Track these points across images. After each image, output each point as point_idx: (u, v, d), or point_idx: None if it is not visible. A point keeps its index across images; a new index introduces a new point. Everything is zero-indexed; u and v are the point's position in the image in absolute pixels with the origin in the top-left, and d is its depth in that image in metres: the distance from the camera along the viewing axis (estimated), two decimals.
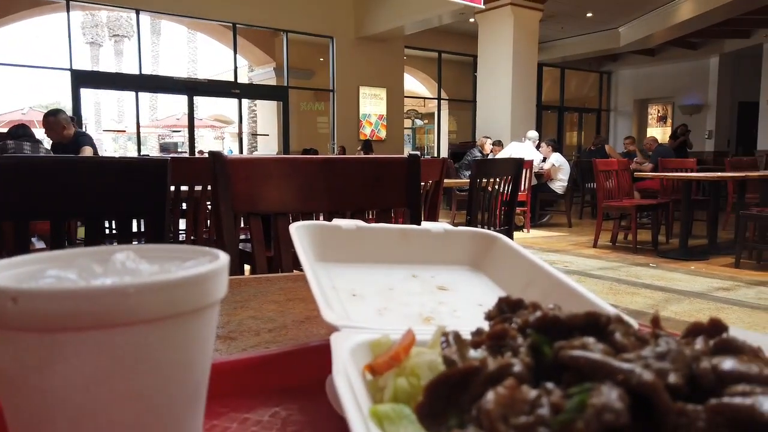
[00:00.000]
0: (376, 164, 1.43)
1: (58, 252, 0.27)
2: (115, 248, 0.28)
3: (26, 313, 0.20)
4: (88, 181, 1.19)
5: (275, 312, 0.62)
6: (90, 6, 10.51)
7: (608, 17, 11.46)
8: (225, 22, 10.61)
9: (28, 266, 0.26)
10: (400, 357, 0.25)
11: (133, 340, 0.21)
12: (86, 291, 0.20)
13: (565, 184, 7.29)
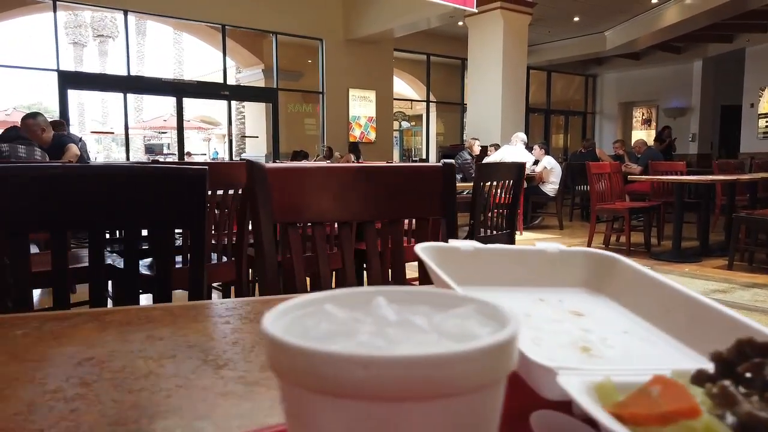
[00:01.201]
0: (411, 172, 1.43)
1: (309, 297, 0.26)
2: (367, 291, 0.27)
3: (376, 381, 0.19)
4: (126, 190, 1.17)
5: None
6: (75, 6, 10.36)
7: (595, 21, 11.59)
8: (214, 24, 10.52)
9: (290, 314, 0.25)
10: (696, 412, 0.24)
11: (466, 408, 0.20)
12: (438, 358, 0.19)
13: (557, 186, 7.34)
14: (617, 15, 11.20)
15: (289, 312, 0.25)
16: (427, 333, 0.23)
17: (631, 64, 13.98)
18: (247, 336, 0.59)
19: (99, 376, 0.48)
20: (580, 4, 10.35)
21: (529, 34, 9.63)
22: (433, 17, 9.98)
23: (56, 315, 0.66)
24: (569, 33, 12.41)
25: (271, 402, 0.44)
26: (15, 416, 0.41)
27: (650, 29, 10.97)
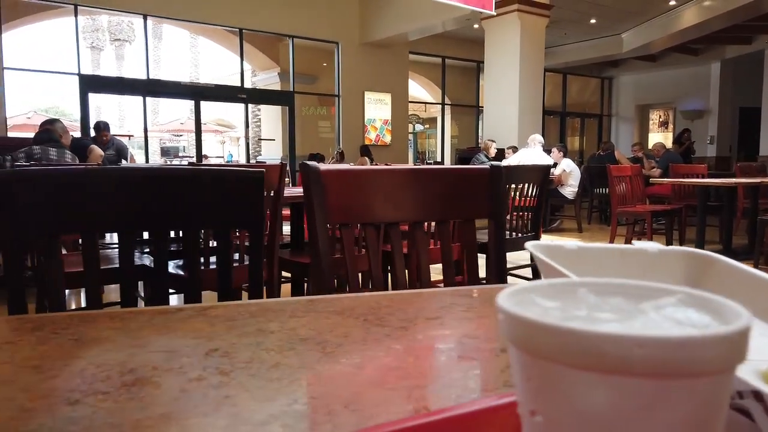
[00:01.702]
0: (459, 174, 1.45)
1: (551, 283, 0.28)
2: (568, 282, 0.29)
3: (649, 360, 0.21)
4: (186, 192, 1.20)
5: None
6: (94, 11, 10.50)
7: (611, 23, 11.55)
8: (231, 28, 10.61)
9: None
10: None
11: (714, 387, 0.22)
12: (705, 339, 0.21)
13: (576, 189, 7.33)
14: (634, 17, 11.16)
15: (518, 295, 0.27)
16: (664, 319, 0.25)
17: (648, 66, 13.90)
18: (352, 330, 0.62)
19: (232, 366, 0.51)
20: (597, 6, 10.33)
21: (545, 37, 9.62)
22: (449, 20, 10.00)
23: (162, 310, 0.69)
24: (586, 35, 12.37)
25: (407, 391, 0.47)
26: (174, 401, 0.43)
27: (667, 31, 10.91)
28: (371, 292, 1.27)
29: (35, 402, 0.43)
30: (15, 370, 0.50)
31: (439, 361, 0.53)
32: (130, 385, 0.46)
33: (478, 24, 10.02)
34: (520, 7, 8.90)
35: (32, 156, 4.05)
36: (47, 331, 0.61)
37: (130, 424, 0.40)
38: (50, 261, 1.08)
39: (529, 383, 0.24)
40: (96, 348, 0.56)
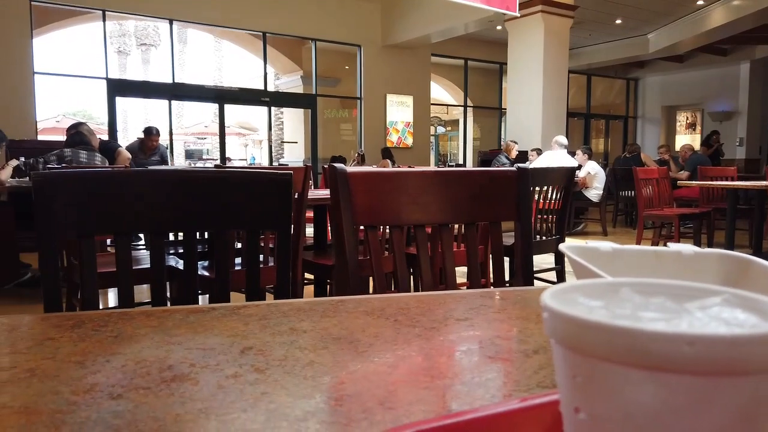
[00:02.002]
0: (485, 177, 1.44)
1: (597, 282, 0.29)
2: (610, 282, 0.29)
3: (699, 357, 0.21)
4: (216, 193, 1.22)
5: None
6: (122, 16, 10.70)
7: (637, 24, 11.39)
8: (255, 32, 10.73)
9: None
10: None
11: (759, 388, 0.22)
12: (754, 337, 0.21)
13: (601, 192, 7.24)
14: (661, 17, 10.99)
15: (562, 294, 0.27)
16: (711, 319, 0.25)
17: (675, 66, 13.68)
18: (383, 330, 0.62)
19: (267, 364, 0.51)
20: (623, 6, 10.20)
21: (569, 38, 9.54)
22: (472, 22, 9.97)
23: (195, 308, 0.70)
24: (611, 36, 12.22)
25: (441, 390, 0.47)
26: (212, 397, 0.44)
27: (695, 31, 10.72)
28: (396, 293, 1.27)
29: (79, 396, 0.44)
30: (58, 365, 0.51)
31: (471, 361, 0.53)
32: (169, 380, 0.47)
33: (501, 25, 9.97)
34: (544, 8, 8.84)
35: (63, 158, 4.14)
36: (87, 328, 0.62)
37: (171, 419, 0.41)
38: (85, 261, 1.10)
39: (574, 381, 0.25)
40: (135, 345, 0.57)
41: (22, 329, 0.65)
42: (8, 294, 4.06)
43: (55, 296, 1.04)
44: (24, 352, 0.57)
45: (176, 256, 2.76)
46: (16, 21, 8.25)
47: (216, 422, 0.40)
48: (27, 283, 4.28)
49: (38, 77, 8.64)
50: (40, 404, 0.43)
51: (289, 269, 1.26)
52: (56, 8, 9.15)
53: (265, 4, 10.23)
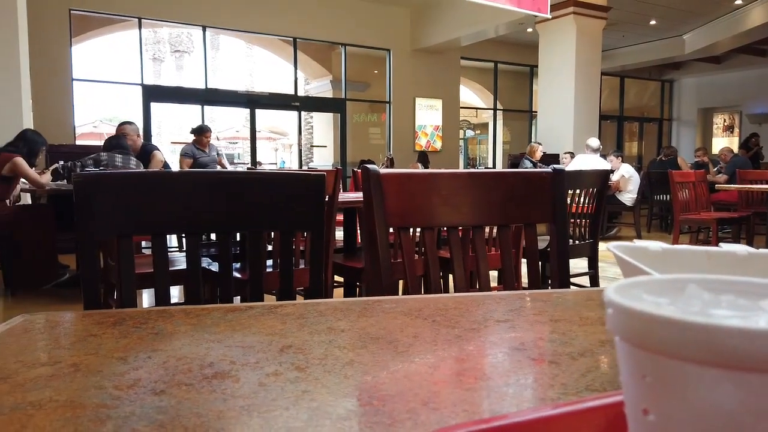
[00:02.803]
0: (519, 178, 1.42)
1: (660, 278, 0.27)
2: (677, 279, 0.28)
3: None
4: (251, 195, 1.23)
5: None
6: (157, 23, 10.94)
7: (672, 25, 11.15)
8: (286, 37, 10.85)
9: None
10: None
11: None
12: None
13: (635, 195, 7.09)
14: (697, 17, 10.74)
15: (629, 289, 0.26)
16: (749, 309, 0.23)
17: (712, 68, 13.34)
18: (422, 330, 0.61)
19: (307, 362, 0.51)
20: (658, 7, 9.99)
21: (602, 39, 9.38)
22: (502, 25, 9.90)
23: (233, 307, 0.70)
24: (645, 37, 11.99)
25: (485, 391, 0.46)
26: (254, 394, 0.44)
27: (733, 32, 10.44)
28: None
29: (123, 391, 0.44)
30: (102, 361, 0.51)
31: (515, 363, 0.52)
32: (210, 377, 0.47)
33: (531, 28, 9.87)
34: (576, 9, 8.72)
35: (100, 162, 4.24)
36: (128, 325, 0.63)
37: (213, 415, 0.41)
38: (123, 260, 1.12)
39: (642, 381, 0.23)
40: (175, 342, 0.57)
41: (65, 325, 0.66)
42: (47, 294, 4.17)
43: (95, 294, 1.05)
44: (68, 347, 0.58)
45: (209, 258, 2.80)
46: (56, 29, 8.51)
47: (259, 419, 0.40)
48: (65, 283, 4.39)
49: (76, 84, 8.90)
50: (85, 398, 0.43)
51: (322, 270, 1.26)
52: (94, 16, 9.41)
53: (295, 11, 10.34)
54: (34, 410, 0.41)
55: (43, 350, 0.56)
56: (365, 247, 1.33)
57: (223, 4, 9.74)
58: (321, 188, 1.25)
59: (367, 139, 12.89)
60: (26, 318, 0.65)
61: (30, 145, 4.29)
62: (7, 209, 4.24)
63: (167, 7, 9.42)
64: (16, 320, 0.64)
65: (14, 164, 4.07)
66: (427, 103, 12.06)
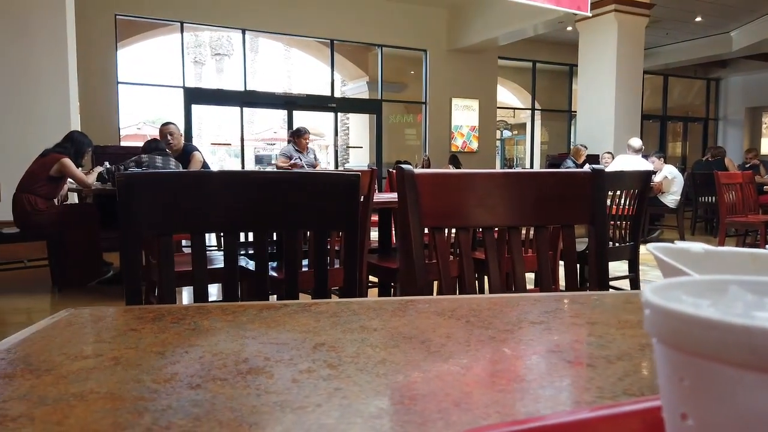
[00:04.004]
0: (557, 178, 1.40)
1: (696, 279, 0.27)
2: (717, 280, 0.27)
3: None
4: (288, 195, 1.24)
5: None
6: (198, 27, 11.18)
7: (719, 21, 10.79)
8: (323, 39, 10.94)
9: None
10: None
11: None
12: None
13: (678, 197, 6.89)
14: (745, 14, 10.36)
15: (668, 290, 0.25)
16: None
17: (761, 65, 12.84)
18: (455, 331, 0.61)
19: (339, 360, 0.51)
20: (704, 3, 9.69)
21: (644, 37, 9.15)
22: (541, 24, 9.76)
23: (268, 305, 0.71)
24: (690, 34, 11.63)
25: (519, 393, 0.45)
26: (287, 391, 0.44)
27: None
28: None
29: (160, 384, 0.46)
30: (140, 355, 0.53)
31: (550, 365, 0.51)
32: (245, 373, 0.48)
33: (571, 26, 9.70)
34: (617, 7, 8.53)
35: (141, 164, 4.36)
36: (166, 320, 0.64)
37: (247, 410, 0.41)
38: (163, 258, 1.15)
39: (680, 384, 0.23)
40: (211, 338, 0.58)
41: (107, 320, 0.68)
42: (92, 291, 4.31)
43: (137, 291, 1.08)
44: (108, 341, 0.59)
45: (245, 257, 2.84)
46: (103, 34, 8.80)
47: (291, 415, 0.40)
48: (109, 280, 4.53)
49: (121, 87, 9.17)
50: (124, 391, 0.44)
51: (356, 269, 1.26)
52: (138, 21, 9.69)
53: (332, 13, 10.42)
54: (76, 401, 0.42)
55: (85, 343, 0.58)
56: (400, 248, 1.33)
57: (262, 7, 9.90)
58: (355, 188, 1.25)
59: (403, 140, 12.89)
60: (70, 312, 0.67)
61: (77, 146, 4.44)
62: (55, 209, 4.40)
63: (209, 11, 9.63)
64: (61, 314, 0.66)
65: (62, 165, 4.22)
66: (464, 104, 11.99)
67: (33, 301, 4.03)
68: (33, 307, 3.90)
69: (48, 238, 4.26)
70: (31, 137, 5.35)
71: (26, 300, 4.04)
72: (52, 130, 5.09)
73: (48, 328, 0.61)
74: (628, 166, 6.22)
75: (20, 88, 5.89)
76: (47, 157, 4.29)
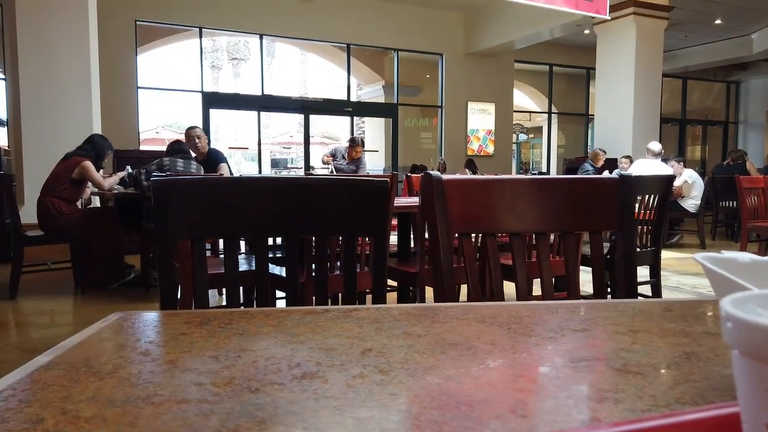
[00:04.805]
0: (585, 184, 1.40)
1: (744, 295, 0.27)
2: None
3: None
4: (317, 200, 1.26)
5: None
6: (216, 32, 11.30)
7: (739, 24, 10.67)
8: (339, 44, 11.00)
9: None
10: None
11: None
12: None
13: (698, 202, 6.81)
14: (766, 16, 10.24)
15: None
16: None
17: None
18: (499, 338, 0.61)
19: (389, 365, 0.52)
20: (724, 5, 9.59)
21: (663, 40, 9.08)
22: (558, 27, 9.73)
23: (310, 310, 0.72)
24: (709, 37, 11.52)
25: (573, 401, 0.46)
26: (343, 395, 0.46)
27: None
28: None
29: (221, 388, 0.47)
30: (195, 359, 0.54)
31: (598, 373, 0.51)
32: (300, 377, 0.49)
33: (589, 29, 9.66)
34: (636, 10, 8.48)
35: (163, 167, 4.41)
36: (213, 325, 0.66)
37: (309, 414, 0.42)
38: (197, 263, 1.17)
39: (765, 395, 0.23)
40: (260, 342, 0.60)
41: (156, 324, 0.70)
42: (114, 293, 4.37)
43: (172, 295, 1.10)
44: (162, 345, 0.61)
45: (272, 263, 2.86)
46: (124, 40, 8.93)
47: (352, 420, 0.41)
48: (130, 282, 4.59)
49: (141, 91, 9.30)
50: (186, 394, 0.46)
51: (385, 274, 1.27)
52: (158, 27, 9.82)
53: (349, 18, 10.48)
54: (143, 403, 0.44)
55: (140, 347, 0.60)
56: (430, 254, 1.34)
57: (279, 12, 9.98)
58: (385, 194, 1.27)
59: (419, 144, 12.89)
60: (120, 316, 0.69)
61: (97, 149, 4.51)
62: (78, 212, 4.47)
63: (227, 16, 9.73)
64: (112, 318, 0.68)
65: (82, 167, 4.29)
66: (480, 107, 11.97)
67: (57, 303, 4.10)
68: (57, 308, 3.96)
69: (71, 241, 4.33)
70: (55, 142, 5.44)
71: (50, 302, 4.11)
72: (76, 134, 5.17)
73: (102, 331, 0.63)
74: (648, 170, 6.16)
75: (45, 93, 6.00)
76: (69, 160, 4.37)
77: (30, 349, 3.02)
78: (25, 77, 5.95)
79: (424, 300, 2.85)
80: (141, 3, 9.04)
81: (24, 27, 5.93)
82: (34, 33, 5.96)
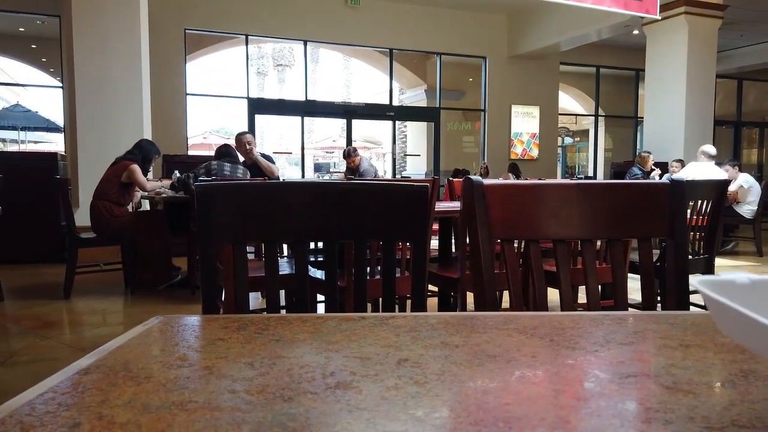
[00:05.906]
0: (633, 190, 1.35)
1: None
2: None
3: None
4: (358, 205, 1.26)
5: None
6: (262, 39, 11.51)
7: None
8: (382, 49, 11.04)
9: None
10: None
11: None
12: None
13: (755, 207, 6.52)
14: None
15: None
16: None
17: None
18: (540, 350, 0.59)
19: (425, 377, 0.51)
20: None
21: (717, 40, 8.74)
22: (605, 28, 9.49)
23: (346, 317, 0.72)
24: (766, 36, 11.03)
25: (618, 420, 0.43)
26: (377, 407, 0.44)
27: None
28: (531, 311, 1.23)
29: (254, 396, 0.46)
30: (230, 365, 0.54)
31: (645, 390, 0.49)
32: (333, 387, 0.48)
33: (638, 30, 9.39)
34: (688, 9, 8.20)
35: (210, 171, 4.52)
36: (251, 330, 0.66)
37: (342, 426, 0.41)
38: (238, 266, 1.18)
39: None
40: (296, 349, 0.59)
41: (195, 329, 0.70)
42: (162, 294, 4.50)
43: (214, 298, 1.12)
44: (199, 350, 0.61)
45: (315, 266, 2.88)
46: (173, 48, 9.21)
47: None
48: (177, 284, 4.71)
49: (189, 98, 9.56)
50: (220, 401, 0.46)
51: (425, 280, 1.26)
52: (206, 35, 10.08)
53: (392, 23, 10.51)
54: (177, 410, 0.44)
55: (178, 352, 0.60)
56: (471, 260, 1.32)
57: (323, 18, 10.10)
58: (425, 199, 1.25)
59: (461, 148, 12.81)
60: (160, 320, 0.70)
61: (144, 153, 4.66)
62: (129, 215, 4.62)
63: (272, 24, 9.91)
64: (152, 321, 0.69)
65: (129, 171, 4.44)
66: (524, 111, 11.80)
67: (108, 303, 4.24)
68: (108, 308, 4.10)
69: (122, 243, 4.48)
70: (107, 147, 5.64)
71: (101, 302, 4.26)
72: (127, 139, 5.35)
73: (142, 335, 0.64)
74: (701, 174, 5.93)
75: (99, 100, 6.24)
76: (118, 164, 4.52)
77: (82, 347, 3.13)
78: (81, 85, 6.20)
79: (465, 306, 2.81)
80: (190, 12, 9.30)
81: (80, 37, 6.19)
82: (90, 43, 6.21)
